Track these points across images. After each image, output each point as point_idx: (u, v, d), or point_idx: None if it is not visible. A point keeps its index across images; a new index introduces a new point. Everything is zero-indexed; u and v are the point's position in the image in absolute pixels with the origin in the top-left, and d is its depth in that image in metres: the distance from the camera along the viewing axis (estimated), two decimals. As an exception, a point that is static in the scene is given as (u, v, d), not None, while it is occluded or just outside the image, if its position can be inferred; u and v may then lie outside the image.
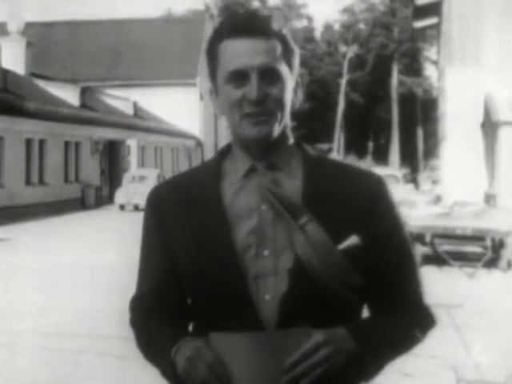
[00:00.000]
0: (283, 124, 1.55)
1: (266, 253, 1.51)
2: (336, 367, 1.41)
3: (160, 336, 1.55)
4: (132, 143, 34.18)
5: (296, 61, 1.58)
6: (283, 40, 1.54)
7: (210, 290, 1.52)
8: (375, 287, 1.55)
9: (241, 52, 1.50)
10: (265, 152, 1.55)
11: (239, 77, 1.50)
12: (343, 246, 1.50)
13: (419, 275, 1.61)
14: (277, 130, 1.53)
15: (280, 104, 1.52)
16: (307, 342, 1.41)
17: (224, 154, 1.63)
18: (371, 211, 1.55)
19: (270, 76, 1.51)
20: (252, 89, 1.49)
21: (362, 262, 1.51)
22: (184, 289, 1.57)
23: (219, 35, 1.54)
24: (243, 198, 1.55)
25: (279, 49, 1.52)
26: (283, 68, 1.53)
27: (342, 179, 1.58)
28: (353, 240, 1.51)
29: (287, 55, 1.54)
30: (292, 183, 1.55)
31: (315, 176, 1.56)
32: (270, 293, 1.49)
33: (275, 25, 1.53)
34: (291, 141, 1.61)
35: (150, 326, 1.60)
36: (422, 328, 1.58)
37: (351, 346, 1.44)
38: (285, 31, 1.55)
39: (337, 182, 1.57)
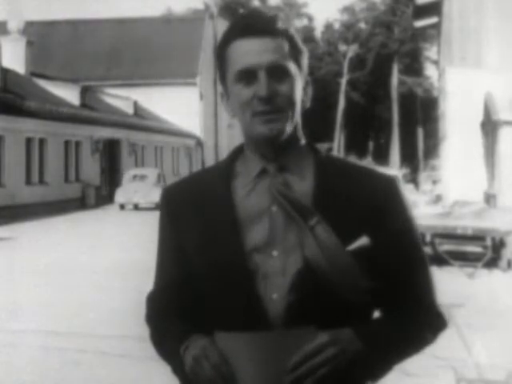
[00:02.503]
0: (294, 123, 1.56)
1: (275, 253, 1.52)
2: (341, 368, 1.41)
3: (171, 334, 1.57)
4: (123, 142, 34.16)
5: (305, 60, 1.58)
6: (291, 39, 1.54)
7: (219, 288, 1.54)
8: (386, 288, 1.55)
9: (248, 51, 1.51)
10: (276, 153, 1.56)
11: (248, 75, 1.51)
12: (353, 246, 1.50)
13: (430, 277, 1.63)
14: (288, 128, 1.54)
15: (290, 101, 1.53)
16: (311, 342, 1.41)
17: (236, 154, 1.64)
18: (382, 212, 1.55)
19: (278, 74, 1.51)
20: (261, 86, 1.50)
21: (373, 263, 1.52)
22: (196, 287, 1.58)
23: (227, 38, 1.55)
24: (254, 199, 1.56)
25: (287, 47, 1.53)
26: (291, 66, 1.53)
27: (353, 180, 1.58)
28: (363, 241, 1.51)
29: (295, 54, 1.55)
30: (303, 185, 1.56)
31: (326, 177, 1.57)
32: (277, 292, 1.50)
33: (282, 24, 1.54)
34: (303, 141, 1.61)
35: (162, 323, 1.62)
36: (432, 329, 1.59)
37: (358, 347, 1.44)
38: (292, 31, 1.55)
39: (348, 183, 1.57)
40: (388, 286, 1.55)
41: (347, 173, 1.60)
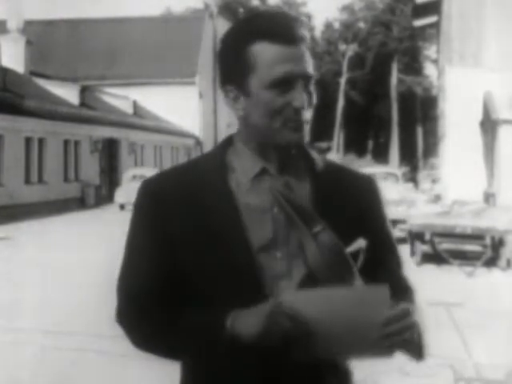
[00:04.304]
0: None
1: (278, 255, 1.52)
2: (414, 337, 1.45)
3: (192, 317, 1.49)
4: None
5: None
6: (308, 45, 1.55)
7: (224, 288, 1.50)
8: (376, 277, 1.56)
9: (285, 59, 1.49)
10: (277, 155, 1.56)
11: (284, 84, 1.50)
12: (351, 248, 1.51)
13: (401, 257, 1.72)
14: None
15: (312, 110, 1.56)
16: (395, 304, 1.42)
17: (226, 147, 1.61)
18: (370, 211, 1.62)
19: (310, 83, 1.53)
20: (299, 97, 1.50)
21: (365, 260, 1.54)
22: (194, 285, 1.53)
23: (249, 35, 1.52)
24: (255, 199, 1.54)
25: (310, 54, 1.54)
26: (315, 73, 1.55)
27: (344, 181, 1.62)
28: (360, 243, 1.52)
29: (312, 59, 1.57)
30: (301, 187, 1.57)
31: (321, 179, 1.58)
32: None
33: (306, 30, 1.54)
34: None
35: (164, 316, 1.53)
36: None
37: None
38: (308, 36, 1.56)
39: (340, 184, 1.60)
40: (376, 279, 1.55)
41: (338, 174, 1.63)
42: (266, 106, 1.51)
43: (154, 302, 1.54)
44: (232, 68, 1.54)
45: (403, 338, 1.41)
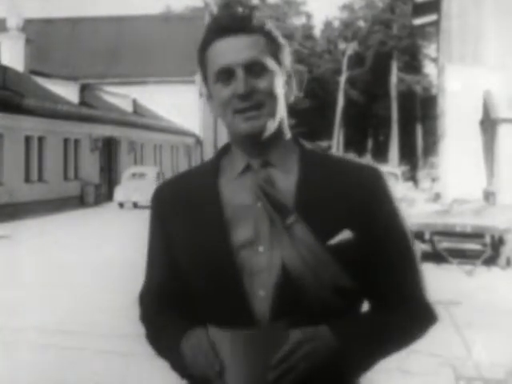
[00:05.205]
0: (278, 118, 1.55)
1: (261, 249, 1.52)
2: (316, 364, 1.42)
3: (169, 330, 1.58)
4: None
5: (285, 54, 1.58)
6: (267, 35, 1.54)
7: (207, 285, 1.54)
8: (374, 283, 1.55)
9: (224, 50, 1.52)
10: (260, 149, 1.56)
11: (226, 75, 1.52)
12: (334, 241, 1.49)
13: (420, 270, 1.59)
14: (272, 125, 1.54)
15: (270, 96, 1.53)
16: (288, 340, 1.42)
17: (223, 152, 1.65)
18: (368, 205, 1.53)
19: (256, 70, 1.52)
20: (239, 84, 1.50)
21: (359, 258, 1.51)
22: (187, 285, 1.59)
23: (205, 41, 1.57)
24: (240, 196, 1.56)
25: (263, 43, 1.53)
26: (269, 61, 1.53)
27: (338, 174, 1.56)
28: (345, 235, 1.50)
29: (273, 49, 1.55)
30: (287, 180, 1.55)
31: (310, 172, 1.56)
32: (263, 289, 1.50)
33: (256, 20, 1.54)
34: (288, 136, 1.60)
35: (158, 321, 1.63)
36: (420, 325, 1.58)
37: (333, 344, 1.44)
38: (269, 26, 1.55)
39: (333, 177, 1.56)
40: (376, 281, 1.55)
41: (331, 166, 1.58)
42: (217, 100, 1.55)
43: (159, 300, 1.65)
44: (201, 74, 1.61)
45: (297, 372, 1.41)
